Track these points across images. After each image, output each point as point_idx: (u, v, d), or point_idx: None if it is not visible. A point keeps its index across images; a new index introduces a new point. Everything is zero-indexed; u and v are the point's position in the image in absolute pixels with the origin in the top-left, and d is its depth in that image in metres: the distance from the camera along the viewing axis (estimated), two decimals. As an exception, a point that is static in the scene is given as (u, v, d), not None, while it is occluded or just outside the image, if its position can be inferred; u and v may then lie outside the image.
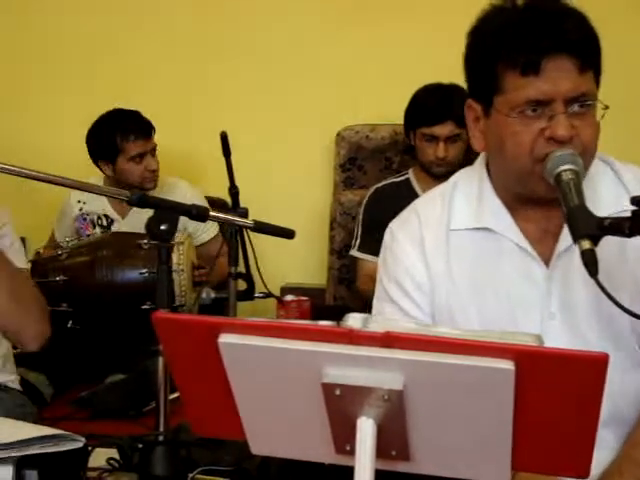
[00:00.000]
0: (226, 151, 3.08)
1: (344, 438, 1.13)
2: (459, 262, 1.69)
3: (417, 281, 1.71)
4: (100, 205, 3.80)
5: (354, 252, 3.61)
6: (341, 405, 1.10)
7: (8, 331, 2.12)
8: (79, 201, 3.80)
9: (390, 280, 1.74)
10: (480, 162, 1.74)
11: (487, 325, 1.65)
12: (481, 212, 1.68)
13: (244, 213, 2.86)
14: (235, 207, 3.07)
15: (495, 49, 1.57)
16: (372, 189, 3.64)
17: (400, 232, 1.76)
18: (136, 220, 3.62)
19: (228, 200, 3.24)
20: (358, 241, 3.59)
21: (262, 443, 1.21)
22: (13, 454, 1.50)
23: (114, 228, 3.78)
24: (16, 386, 2.28)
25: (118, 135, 3.64)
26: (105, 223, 3.79)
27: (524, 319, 1.64)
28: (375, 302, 1.78)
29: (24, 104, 4.34)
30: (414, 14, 4.15)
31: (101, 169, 3.73)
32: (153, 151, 3.72)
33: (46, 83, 4.33)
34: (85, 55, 4.30)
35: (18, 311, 2.07)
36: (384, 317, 1.72)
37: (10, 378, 2.27)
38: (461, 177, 1.77)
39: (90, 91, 4.22)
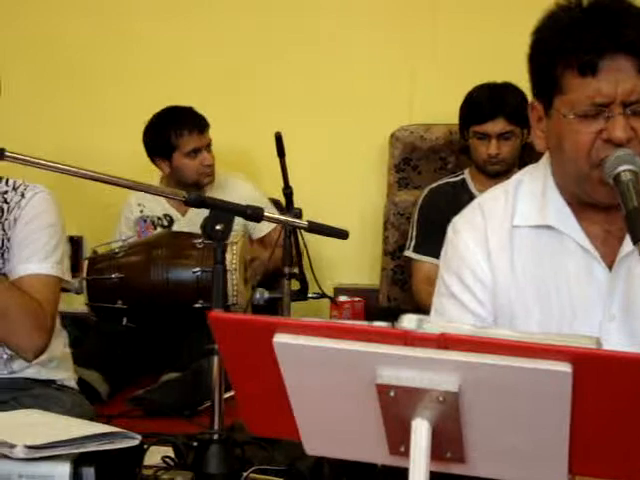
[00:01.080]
0: (280, 151, 3.09)
1: (398, 439, 1.13)
2: (521, 259, 1.68)
3: (479, 276, 1.69)
4: (160, 206, 3.82)
5: (409, 253, 3.59)
6: (395, 406, 1.09)
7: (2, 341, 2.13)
8: (139, 204, 3.83)
9: (451, 275, 1.73)
10: (545, 160, 1.73)
11: (548, 323, 1.63)
12: (545, 210, 1.67)
13: (298, 214, 2.86)
14: (289, 207, 3.08)
15: (555, 49, 1.56)
16: (427, 189, 3.62)
17: (463, 226, 1.75)
18: (197, 218, 3.64)
19: (282, 200, 3.25)
20: (413, 242, 3.57)
21: (316, 443, 1.21)
22: (71, 451, 1.52)
23: (175, 227, 3.81)
24: (73, 385, 2.31)
25: (172, 131, 3.68)
26: (165, 223, 3.82)
27: (584, 319, 1.63)
28: (435, 298, 1.77)
29: (81, 105, 4.39)
30: (469, 13, 4.13)
31: (158, 166, 3.77)
32: (208, 146, 3.75)
33: (102, 84, 4.37)
34: (141, 56, 4.34)
35: (2, 323, 2.05)
36: (439, 318, 1.71)
37: (67, 377, 2.29)
38: (526, 174, 1.76)
39: (145, 91, 4.25)
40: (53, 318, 2.14)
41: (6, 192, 2.17)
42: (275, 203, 3.90)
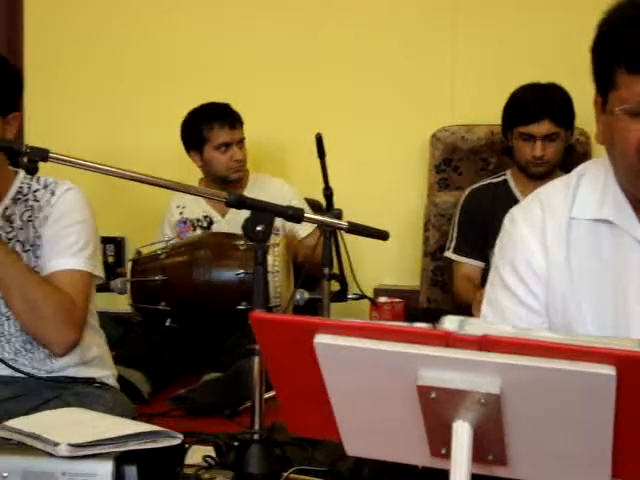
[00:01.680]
0: (321, 152, 3.10)
1: (439, 441, 1.12)
2: (578, 253, 1.66)
3: (534, 267, 1.67)
4: (199, 207, 3.85)
5: (449, 254, 3.58)
6: (436, 408, 1.09)
7: (31, 336, 2.14)
8: (178, 206, 3.87)
9: (505, 265, 1.71)
10: (606, 155, 1.71)
11: (600, 319, 1.62)
12: (604, 204, 1.65)
13: (338, 214, 2.86)
14: (329, 208, 3.08)
15: (609, 45, 1.56)
16: (468, 190, 3.60)
17: (520, 217, 1.73)
18: (236, 218, 3.66)
19: (322, 201, 3.26)
20: (453, 243, 3.56)
21: (357, 444, 1.21)
22: (113, 449, 1.53)
23: (215, 227, 3.84)
24: (113, 383, 2.33)
25: (204, 124, 3.74)
26: (205, 224, 3.85)
27: (638, 317, 1.61)
28: (488, 287, 1.75)
29: (123, 106, 4.43)
30: (511, 13, 4.10)
31: (193, 159, 3.82)
32: (240, 143, 3.79)
33: (145, 85, 4.41)
34: (184, 56, 4.37)
35: (33, 318, 2.07)
36: (491, 309, 1.70)
37: (106, 375, 2.31)
38: (588, 167, 1.74)
39: (187, 93, 4.27)
40: (84, 313, 2.16)
41: (37, 190, 2.20)
42: (315, 204, 3.91)
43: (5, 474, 1.52)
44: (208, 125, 3.74)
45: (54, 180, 2.21)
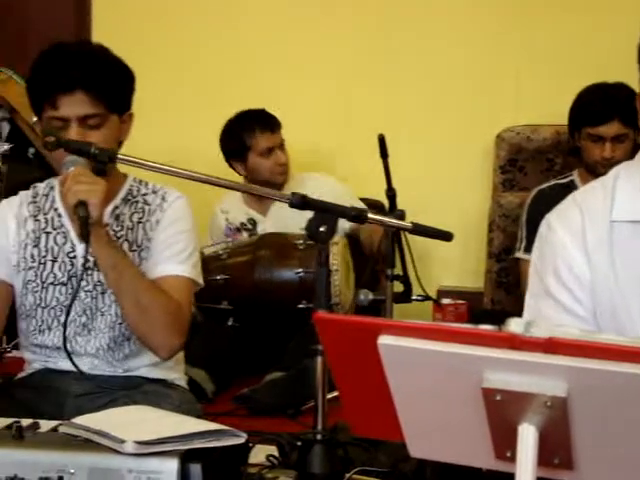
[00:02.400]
0: (383, 153, 3.09)
1: (504, 444, 1.11)
2: (622, 255, 1.63)
3: (576, 273, 1.64)
4: (241, 210, 3.88)
5: (520, 254, 3.55)
6: (502, 411, 1.08)
7: (137, 338, 2.17)
8: (223, 211, 3.91)
9: (546, 273, 1.68)
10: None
11: None
12: None
13: (401, 215, 2.85)
14: (392, 209, 3.08)
15: None
16: (535, 190, 3.57)
17: (558, 222, 1.70)
18: (278, 215, 3.69)
19: (385, 202, 3.25)
20: (523, 243, 3.53)
21: (420, 446, 1.21)
22: (178, 447, 1.55)
23: (259, 227, 3.85)
24: (183, 384, 2.36)
25: (245, 132, 3.76)
26: (250, 226, 3.87)
27: None
28: (528, 298, 1.72)
29: (183, 110, 4.48)
30: (576, 12, 4.05)
31: (235, 169, 3.84)
32: (281, 146, 3.81)
33: (196, 88, 4.45)
34: (239, 60, 4.40)
35: (142, 321, 2.10)
36: (547, 322, 1.68)
37: (177, 377, 2.34)
38: (622, 168, 1.71)
39: (246, 96, 4.30)
40: (189, 318, 2.20)
41: (146, 194, 2.24)
42: (378, 205, 3.91)
43: (72, 470, 1.54)
44: (250, 133, 3.77)
45: (161, 187, 2.26)
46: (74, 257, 2.19)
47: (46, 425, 1.73)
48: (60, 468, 1.54)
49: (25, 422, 1.72)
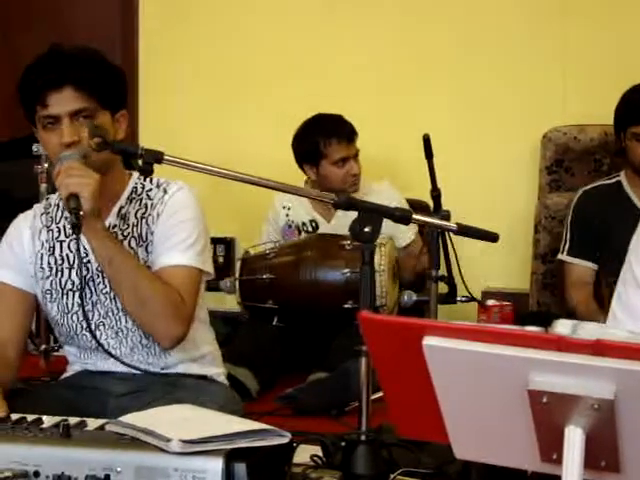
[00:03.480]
0: (428, 153, 3.08)
1: (551, 446, 1.11)
2: None
3: None
4: (305, 210, 3.86)
5: (563, 256, 3.51)
6: (548, 413, 1.08)
7: (141, 329, 2.18)
8: (284, 207, 3.88)
9: (637, 262, 1.66)
10: None
11: None
12: None
13: (446, 216, 2.84)
14: (437, 210, 3.06)
15: None
16: (581, 191, 3.53)
17: None
18: (341, 224, 3.68)
19: (430, 203, 3.24)
20: (567, 245, 3.49)
21: (465, 447, 1.20)
22: (223, 447, 1.55)
23: (320, 232, 3.84)
24: (223, 381, 2.36)
25: (321, 139, 3.71)
26: (310, 229, 3.86)
27: None
28: (619, 284, 1.70)
29: (234, 110, 4.50)
30: (623, 12, 4.01)
31: (305, 172, 3.81)
32: (356, 156, 3.77)
33: (257, 90, 4.47)
34: (291, 61, 4.41)
35: (143, 312, 2.10)
36: (622, 307, 1.66)
37: (216, 373, 2.35)
38: None
39: (293, 95, 4.32)
40: (192, 308, 2.18)
41: (150, 189, 2.25)
42: (422, 205, 3.89)
43: (119, 469, 1.56)
44: (326, 140, 3.70)
45: (166, 180, 2.27)
46: (88, 262, 2.20)
47: (93, 423, 1.75)
48: (107, 466, 1.56)
49: (72, 420, 1.74)
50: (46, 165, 3.58)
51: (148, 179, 2.26)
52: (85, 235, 2.00)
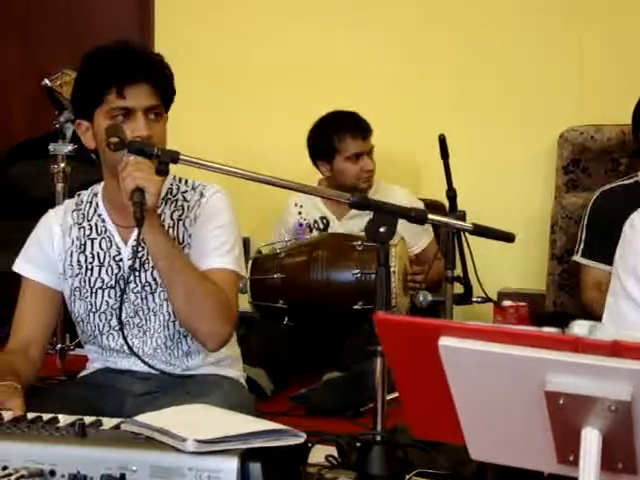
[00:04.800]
0: (444, 153, 3.07)
1: (567, 448, 1.10)
2: None
3: None
4: (317, 209, 3.87)
5: (577, 258, 3.50)
6: (565, 414, 1.07)
7: (185, 329, 2.18)
8: (296, 204, 3.89)
9: (627, 273, 1.65)
10: None
11: None
12: None
13: (462, 216, 2.83)
14: (453, 210, 3.05)
15: None
16: (598, 192, 3.51)
17: None
18: (353, 223, 3.68)
19: (445, 203, 3.23)
20: (582, 246, 3.47)
21: (481, 449, 1.20)
22: (238, 446, 1.56)
23: (330, 230, 3.85)
24: (242, 383, 2.37)
25: (336, 135, 3.72)
26: (322, 226, 3.87)
27: None
28: (609, 296, 1.70)
29: (248, 109, 4.50)
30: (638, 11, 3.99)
31: (319, 169, 3.82)
32: (370, 152, 3.77)
33: (273, 89, 4.47)
34: (306, 60, 4.41)
35: (192, 310, 2.10)
36: (613, 319, 1.65)
37: (237, 375, 2.35)
38: None
39: (309, 95, 4.32)
40: (237, 310, 2.21)
41: (186, 191, 2.26)
42: (438, 205, 3.88)
43: (134, 468, 1.56)
44: (340, 136, 3.71)
45: (201, 182, 2.27)
46: (120, 260, 2.21)
47: (108, 423, 1.75)
48: (122, 465, 1.57)
49: (88, 419, 1.75)
50: (62, 165, 3.59)
51: (183, 181, 2.27)
52: (144, 230, 1.98)
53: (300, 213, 3.89)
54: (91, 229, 2.25)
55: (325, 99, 4.03)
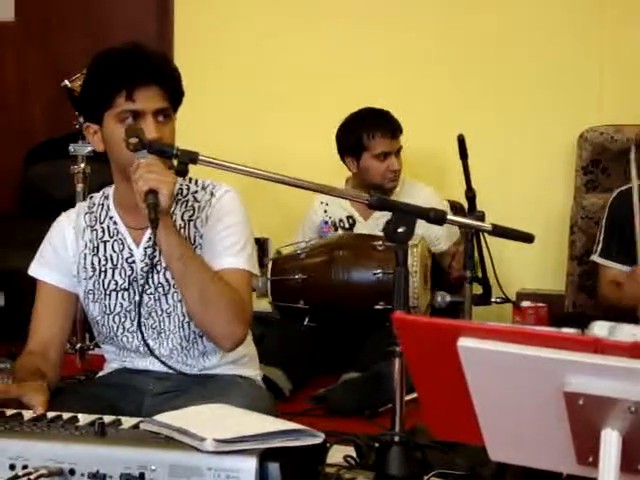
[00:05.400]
0: (463, 154, 3.06)
1: (587, 449, 1.10)
2: None
3: None
4: (342, 208, 3.87)
5: (595, 257, 3.48)
6: (584, 415, 1.07)
7: (200, 329, 2.18)
8: (322, 202, 3.89)
9: None
10: None
11: None
12: None
13: (481, 216, 2.83)
14: (472, 210, 3.05)
15: None
16: (616, 192, 3.49)
17: None
18: (378, 221, 3.68)
19: (464, 203, 3.22)
20: (600, 246, 3.45)
21: (500, 449, 1.19)
22: (257, 446, 1.56)
23: (356, 229, 3.85)
24: (259, 382, 2.37)
25: (365, 132, 3.73)
26: (347, 225, 3.87)
27: None
28: None
29: (270, 109, 4.51)
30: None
31: (347, 164, 3.82)
32: (398, 152, 3.77)
33: (294, 89, 4.48)
34: (331, 60, 4.41)
35: (207, 311, 2.09)
36: (631, 325, 1.65)
37: (254, 374, 2.35)
38: None
39: (333, 95, 4.32)
40: (251, 310, 2.20)
41: (196, 192, 2.26)
42: (457, 206, 3.88)
43: (153, 467, 1.57)
44: (370, 133, 3.72)
45: (211, 182, 2.27)
46: (133, 262, 2.22)
47: (127, 422, 1.76)
48: (141, 464, 1.57)
49: (107, 419, 1.75)
50: (82, 165, 3.61)
51: (193, 181, 2.27)
52: (158, 231, 1.98)
53: (326, 212, 3.90)
54: (103, 232, 2.25)
55: (346, 99, 4.03)
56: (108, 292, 2.23)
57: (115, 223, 2.25)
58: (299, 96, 4.44)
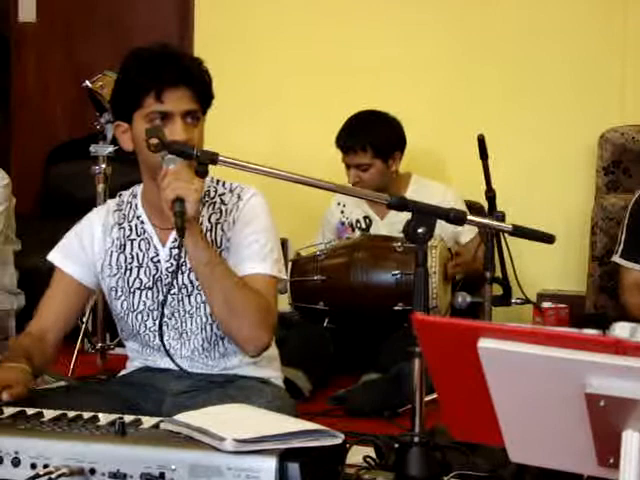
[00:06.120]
0: (483, 154, 3.06)
1: (607, 450, 1.09)
2: None
3: None
4: (359, 208, 3.88)
5: (616, 258, 3.45)
6: (605, 417, 1.06)
7: (227, 335, 2.18)
8: (339, 203, 3.91)
9: None
10: None
11: None
12: None
13: (501, 217, 2.82)
14: (492, 211, 3.04)
15: None
16: (638, 193, 3.47)
17: None
18: (395, 222, 3.67)
19: (484, 204, 3.22)
20: (621, 247, 3.43)
21: (521, 451, 1.19)
22: (277, 446, 1.56)
23: (372, 229, 3.85)
24: (279, 383, 2.37)
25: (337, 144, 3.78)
26: (364, 225, 3.88)
27: None
28: None
29: (287, 109, 4.52)
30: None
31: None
32: (359, 167, 3.75)
33: (308, 92, 4.48)
34: (340, 58, 4.41)
35: (232, 317, 2.09)
36: None
37: (275, 375, 2.35)
38: None
39: (347, 94, 4.32)
40: (276, 315, 2.20)
41: (223, 194, 2.26)
42: (477, 206, 3.87)
43: (173, 467, 1.57)
44: (339, 147, 3.78)
45: (239, 184, 2.28)
46: (158, 261, 2.22)
47: (148, 422, 1.76)
48: (161, 464, 1.57)
49: (128, 418, 1.76)
50: (103, 166, 3.62)
51: (220, 183, 2.27)
52: (185, 238, 1.97)
53: (342, 212, 3.91)
54: (131, 230, 2.26)
55: (364, 97, 4.03)
56: (132, 290, 2.24)
57: (142, 222, 2.26)
58: (315, 96, 4.44)
